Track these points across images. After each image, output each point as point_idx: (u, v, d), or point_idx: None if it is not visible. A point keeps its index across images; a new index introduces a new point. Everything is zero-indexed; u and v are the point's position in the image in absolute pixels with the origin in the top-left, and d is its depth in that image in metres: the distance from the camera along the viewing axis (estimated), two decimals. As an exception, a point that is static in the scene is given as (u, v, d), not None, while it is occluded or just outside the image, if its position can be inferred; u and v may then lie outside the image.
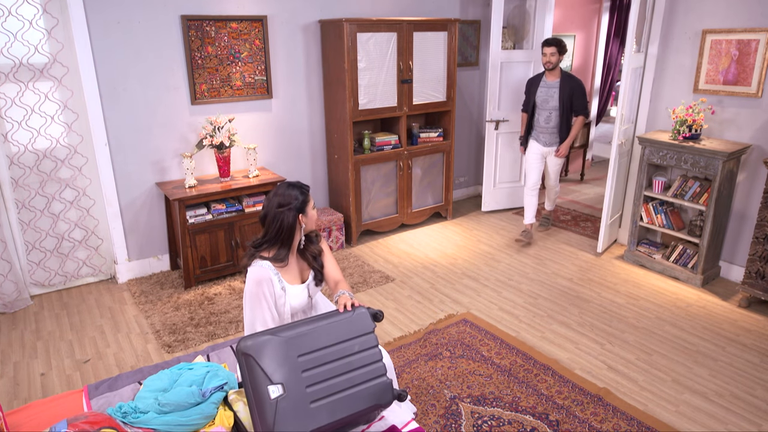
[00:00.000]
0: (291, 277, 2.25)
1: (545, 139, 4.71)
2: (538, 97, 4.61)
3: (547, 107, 4.58)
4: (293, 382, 1.75)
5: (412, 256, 4.67)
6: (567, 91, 4.47)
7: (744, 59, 3.80)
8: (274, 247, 2.20)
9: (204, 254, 4.06)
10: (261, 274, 2.14)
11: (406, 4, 5.07)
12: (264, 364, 1.74)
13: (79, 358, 3.25)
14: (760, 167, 3.82)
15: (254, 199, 4.22)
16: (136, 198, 4.14)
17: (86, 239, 4.10)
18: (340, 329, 1.93)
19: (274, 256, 2.18)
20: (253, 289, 2.12)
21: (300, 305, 2.26)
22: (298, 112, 4.72)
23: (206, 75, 4.17)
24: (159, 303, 3.86)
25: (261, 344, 1.77)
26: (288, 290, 2.20)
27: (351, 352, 1.90)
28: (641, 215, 4.35)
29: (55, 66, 3.70)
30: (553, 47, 4.39)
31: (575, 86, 4.48)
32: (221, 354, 2.38)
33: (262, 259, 2.18)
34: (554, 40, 4.38)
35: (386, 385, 1.90)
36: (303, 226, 2.24)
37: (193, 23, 4.02)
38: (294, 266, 2.29)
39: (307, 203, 2.23)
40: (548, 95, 4.55)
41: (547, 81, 4.57)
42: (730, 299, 3.86)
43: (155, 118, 4.06)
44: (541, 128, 4.70)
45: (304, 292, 2.27)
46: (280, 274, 2.20)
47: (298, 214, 2.19)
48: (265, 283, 2.13)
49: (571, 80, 4.49)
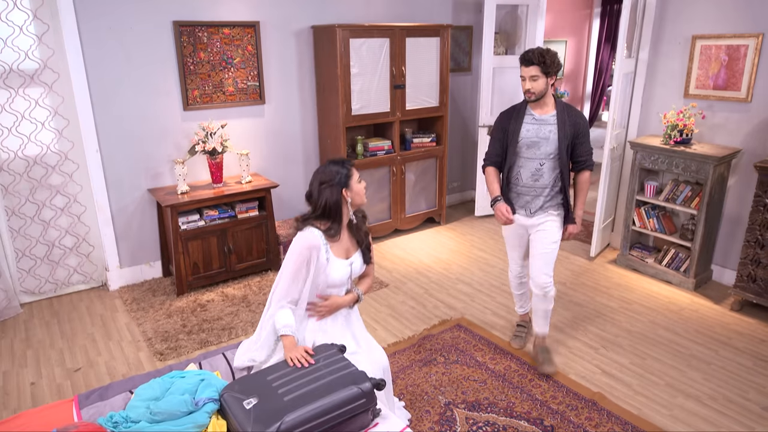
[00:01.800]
0: (338, 251, 2.25)
1: (530, 204, 3.01)
2: (522, 138, 2.93)
3: (537, 155, 2.92)
4: (265, 390, 1.86)
5: (406, 261, 4.66)
6: (569, 130, 2.88)
7: (733, 64, 3.83)
8: (325, 222, 2.22)
9: (196, 261, 4.04)
10: (312, 240, 2.15)
11: (398, 10, 5.09)
12: (235, 391, 1.88)
13: (70, 366, 3.21)
14: (751, 171, 3.85)
15: (247, 205, 4.20)
16: (128, 204, 4.11)
17: (77, 246, 4.06)
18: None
19: (327, 230, 2.20)
20: (302, 252, 2.13)
21: (340, 280, 2.25)
22: (291, 117, 4.71)
23: (198, 81, 4.16)
24: (151, 310, 3.83)
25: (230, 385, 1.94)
26: (332, 262, 2.21)
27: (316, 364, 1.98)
28: (634, 219, 4.37)
29: (46, 72, 3.67)
30: (534, 66, 2.78)
31: (580, 122, 2.92)
32: (213, 362, 2.35)
33: (315, 228, 2.19)
34: (535, 55, 2.77)
35: (360, 372, 1.93)
36: (349, 200, 2.23)
37: (186, 29, 4.01)
38: (343, 242, 2.29)
39: (350, 177, 2.22)
40: (540, 135, 2.90)
41: (536, 114, 2.92)
42: (722, 303, 3.88)
43: (147, 124, 4.04)
44: (523, 188, 3.00)
45: (347, 268, 2.27)
46: (329, 245, 2.21)
47: (341, 189, 2.20)
48: (314, 249, 2.14)
49: (572, 114, 2.93)
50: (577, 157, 2.98)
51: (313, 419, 1.73)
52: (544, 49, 2.81)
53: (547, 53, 2.78)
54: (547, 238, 3.01)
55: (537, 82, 2.80)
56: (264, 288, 4.13)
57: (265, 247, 4.33)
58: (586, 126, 2.96)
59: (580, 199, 3.10)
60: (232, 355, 2.41)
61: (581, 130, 2.92)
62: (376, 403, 1.92)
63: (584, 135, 2.95)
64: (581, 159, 2.98)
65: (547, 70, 2.79)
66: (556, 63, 2.82)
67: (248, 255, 4.27)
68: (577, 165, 3.00)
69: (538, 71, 2.78)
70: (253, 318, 3.70)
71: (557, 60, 2.83)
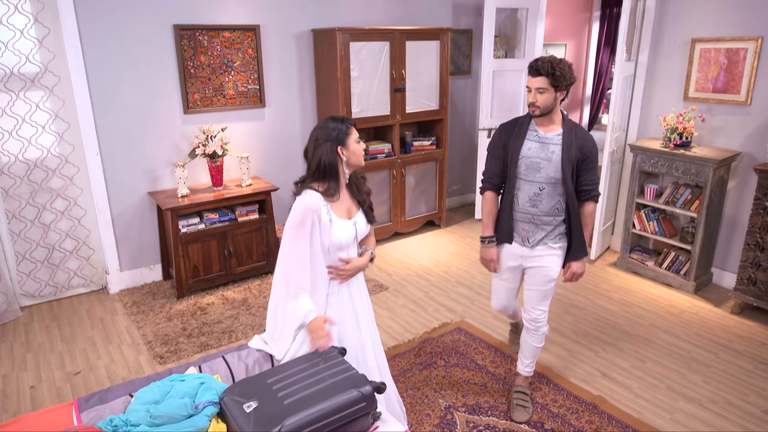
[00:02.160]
0: (340, 211, 2.22)
1: (529, 234, 2.63)
2: (523, 158, 2.55)
3: (537, 178, 2.54)
4: (265, 394, 1.84)
5: (406, 264, 4.66)
6: (575, 153, 2.50)
7: (733, 67, 3.84)
8: (322, 182, 2.17)
9: (197, 264, 4.03)
10: (311, 201, 2.11)
11: (398, 13, 5.10)
12: (235, 394, 1.87)
13: (70, 370, 3.21)
14: (750, 174, 3.85)
15: (247, 208, 4.20)
16: (128, 207, 4.11)
17: (77, 249, 4.06)
18: (301, 359, 2.04)
19: (325, 191, 2.15)
20: (300, 215, 2.09)
21: (347, 241, 2.22)
22: (291, 120, 4.72)
23: (199, 84, 4.17)
24: (151, 313, 3.82)
25: (230, 388, 1.91)
26: (335, 222, 2.17)
27: (316, 367, 1.96)
28: (634, 222, 4.37)
29: (47, 75, 3.68)
30: (541, 78, 2.43)
31: (588, 145, 2.54)
32: (213, 365, 2.35)
33: (313, 190, 2.16)
34: (545, 64, 2.41)
35: (360, 375, 1.92)
36: (344, 160, 2.18)
37: (186, 32, 4.02)
38: (344, 202, 2.24)
39: (347, 135, 2.16)
40: (543, 156, 2.53)
41: (541, 132, 2.55)
42: (722, 306, 3.88)
43: (147, 128, 4.05)
44: (520, 214, 2.63)
45: (351, 228, 2.24)
46: (329, 206, 2.17)
47: (337, 146, 2.14)
48: (313, 211, 2.10)
49: (580, 135, 2.54)
50: (581, 185, 2.55)
51: (314, 423, 1.73)
52: (556, 59, 2.43)
53: (559, 64, 2.41)
54: (546, 275, 2.63)
55: (544, 95, 2.44)
56: (264, 291, 4.13)
57: (266, 250, 4.33)
58: (594, 151, 2.55)
59: (585, 236, 2.63)
60: (233, 359, 2.41)
61: (589, 154, 2.52)
62: (377, 406, 1.91)
63: (592, 160, 2.54)
64: (586, 188, 2.56)
65: (557, 82, 2.41)
66: (569, 76, 2.43)
67: (248, 258, 4.27)
68: (581, 195, 2.57)
69: (546, 83, 2.42)
70: (253, 321, 3.70)
71: (570, 73, 2.43)
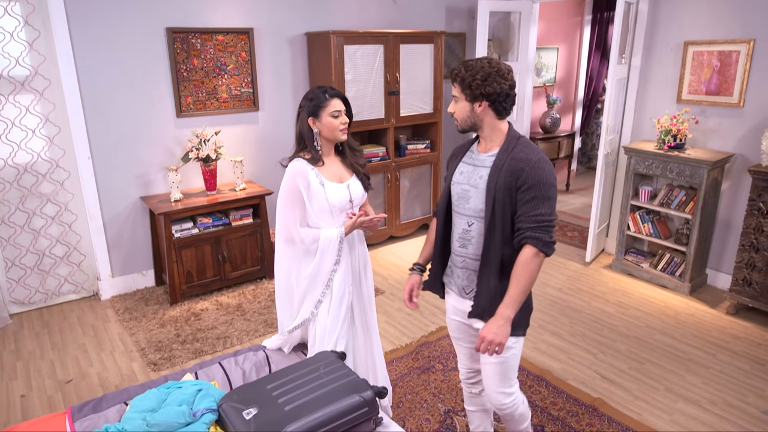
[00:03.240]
0: (330, 176, 2.26)
1: (464, 282, 2.05)
2: (455, 184, 2.02)
3: (466, 209, 1.97)
4: (265, 400, 1.81)
5: (402, 268, 4.63)
6: (503, 179, 1.85)
7: (725, 70, 3.87)
8: (306, 151, 2.26)
9: (190, 269, 3.98)
10: (296, 167, 2.19)
11: (391, 16, 5.10)
12: (234, 401, 1.83)
13: (61, 378, 3.14)
14: (744, 176, 3.87)
15: (241, 213, 4.16)
16: (120, 212, 4.06)
17: (68, 255, 4.00)
18: (301, 364, 2.02)
19: (310, 158, 2.23)
20: (288, 182, 2.18)
21: (340, 203, 2.25)
22: (285, 124, 4.69)
23: (192, 87, 4.13)
24: (144, 320, 3.76)
25: (228, 395, 1.87)
26: (327, 185, 2.21)
27: (317, 372, 1.94)
28: (629, 224, 4.38)
29: (37, 79, 3.62)
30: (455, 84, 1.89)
31: (526, 168, 1.82)
32: (210, 371, 2.31)
33: (299, 158, 2.24)
34: (455, 68, 1.88)
35: (361, 380, 1.89)
36: (316, 131, 2.22)
37: (179, 35, 3.98)
38: (333, 167, 2.29)
39: (320, 107, 2.18)
40: (471, 182, 1.96)
41: (476, 152, 2.00)
42: (717, 306, 3.89)
43: (140, 131, 4.00)
44: (455, 255, 2.07)
45: (344, 190, 2.27)
46: (317, 170, 2.22)
47: (308, 117, 2.20)
48: (299, 175, 2.17)
49: (518, 155, 1.86)
50: (516, 222, 1.86)
51: (315, 429, 1.69)
52: (474, 61, 1.84)
53: (469, 67, 1.82)
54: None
55: (458, 105, 1.90)
56: (259, 296, 4.08)
57: (260, 255, 4.29)
58: (536, 175, 1.80)
59: (510, 291, 1.83)
60: (229, 365, 2.37)
61: (526, 179, 1.81)
62: (378, 411, 1.89)
63: (533, 189, 1.81)
64: (519, 225, 1.84)
65: (469, 91, 1.83)
66: (479, 84, 1.79)
67: (242, 263, 4.22)
68: (515, 234, 1.87)
69: (457, 91, 1.88)
70: (248, 327, 3.65)
71: (484, 79, 1.79)
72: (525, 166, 1.82)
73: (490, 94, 1.82)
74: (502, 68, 1.84)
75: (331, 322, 2.27)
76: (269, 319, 3.75)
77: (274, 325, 3.67)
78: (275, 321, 3.71)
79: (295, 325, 2.31)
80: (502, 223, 1.87)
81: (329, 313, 2.28)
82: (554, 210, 1.86)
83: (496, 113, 1.89)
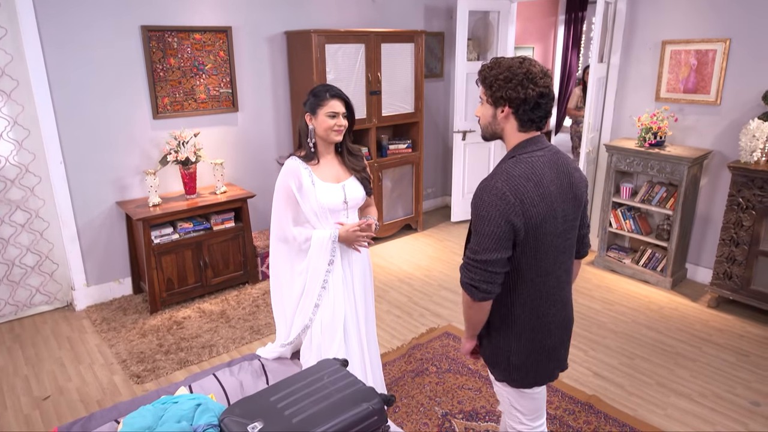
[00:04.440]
0: (324, 175, 2.22)
1: None
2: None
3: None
4: (271, 413, 1.73)
5: (387, 269, 4.58)
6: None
7: (702, 68, 3.95)
8: (302, 149, 2.25)
9: (171, 276, 3.84)
10: (289, 165, 2.18)
11: (371, 16, 5.04)
12: (236, 415, 1.73)
13: (38, 395, 2.98)
14: (721, 172, 3.97)
15: (223, 217, 4.04)
16: (95, 219, 3.88)
17: (39, 264, 3.81)
18: (303, 374, 1.93)
19: (305, 155, 2.21)
20: (280, 180, 2.17)
21: (333, 205, 2.22)
22: (265, 125, 4.58)
23: (169, 88, 3.98)
24: (123, 330, 3.61)
25: (230, 408, 1.77)
26: (318, 185, 2.17)
27: (321, 381, 1.87)
28: (611, 221, 4.44)
29: (4, 79, 3.43)
30: (481, 86, 1.69)
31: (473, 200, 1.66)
32: (204, 384, 2.21)
33: (293, 156, 2.22)
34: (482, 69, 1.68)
35: (368, 389, 1.84)
36: (311, 128, 2.20)
37: (154, 34, 3.84)
38: (330, 166, 2.26)
39: (319, 105, 2.17)
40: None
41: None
42: (698, 300, 3.97)
43: (115, 134, 3.83)
44: None
45: (339, 191, 2.23)
46: (311, 169, 2.19)
47: (306, 113, 2.20)
48: (291, 174, 2.15)
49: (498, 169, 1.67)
50: None
51: (327, 440, 1.63)
52: (499, 60, 1.64)
53: (495, 64, 1.63)
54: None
55: (482, 108, 1.71)
56: (243, 302, 3.97)
57: (242, 260, 4.18)
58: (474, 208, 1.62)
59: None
60: (224, 375, 2.28)
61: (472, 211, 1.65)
62: (387, 420, 1.83)
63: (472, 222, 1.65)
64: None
65: (490, 92, 1.64)
66: (513, 86, 1.57)
67: (225, 268, 4.10)
68: None
69: (482, 92, 1.69)
70: (233, 334, 3.54)
71: (516, 80, 1.57)
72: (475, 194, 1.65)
73: (512, 99, 1.59)
74: (534, 71, 1.57)
75: (329, 328, 2.21)
76: (255, 325, 3.65)
77: (260, 331, 3.57)
78: (261, 327, 3.62)
79: (297, 334, 2.24)
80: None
81: (327, 318, 2.22)
82: (485, 247, 1.57)
83: (519, 124, 1.63)
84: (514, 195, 1.56)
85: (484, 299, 1.65)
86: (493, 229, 1.56)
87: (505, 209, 1.55)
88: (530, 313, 1.74)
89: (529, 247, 1.64)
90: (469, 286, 1.64)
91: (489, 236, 1.57)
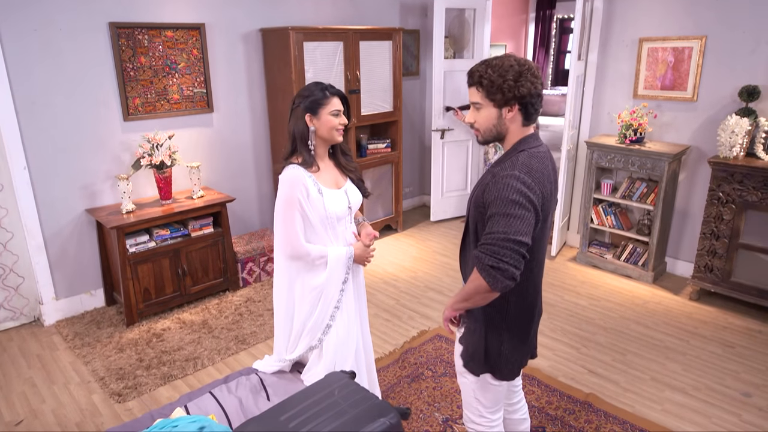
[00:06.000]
0: (326, 182, 2.11)
1: None
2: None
3: None
4: None
5: (371, 272, 4.50)
6: (475, 196, 1.75)
7: (679, 65, 4.02)
8: (298, 154, 2.08)
9: (147, 286, 3.65)
10: (294, 174, 2.02)
11: (347, 13, 4.94)
12: None
13: (9, 420, 2.76)
14: (699, 167, 4.05)
15: (201, 222, 3.87)
16: (63, 228, 3.65)
17: (3, 278, 3.55)
18: (312, 389, 1.81)
19: (302, 162, 2.06)
20: (287, 191, 2.01)
21: (342, 211, 2.11)
22: (241, 126, 4.41)
23: (140, 88, 3.78)
24: (98, 345, 3.41)
25: (238, 430, 1.66)
26: (325, 193, 2.06)
27: (332, 397, 1.78)
28: (592, 217, 4.48)
29: (-41, 80, 3.18)
30: (473, 88, 1.71)
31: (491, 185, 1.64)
32: (201, 403, 2.08)
33: (292, 164, 2.06)
34: (476, 69, 1.69)
35: (383, 402, 1.76)
36: (312, 129, 2.05)
37: (124, 31, 3.63)
38: (328, 172, 2.14)
39: (320, 104, 2.04)
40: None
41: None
42: (680, 293, 4.05)
43: (83, 137, 3.61)
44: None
45: (343, 197, 2.13)
46: (314, 177, 2.06)
47: (306, 113, 2.04)
48: (298, 184, 2.00)
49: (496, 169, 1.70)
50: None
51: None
52: (496, 60, 1.66)
53: (491, 67, 1.64)
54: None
55: (480, 112, 1.71)
56: (224, 311, 3.81)
57: (223, 266, 4.01)
58: (497, 192, 1.60)
59: (460, 290, 1.77)
60: (221, 393, 2.15)
61: (488, 197, 1.64)
62: (404, 434, 1.75)
63: (491, 206, 1.62)
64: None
65: (500, 95, 1.64)
66: (523, 83, 1.61)
67: (204, 276, 3.93)
68: None
69: (479, 96, 1.68)
70: (218, 345, 3.39)
71: (523, 77, 1.61)
72: (491, 180, 1.64)
73: (523, 96, 1.62)
74: (532, 66, 1.64)
75: (343, 348, 2.14)
76: (240, 334, 3.50)
77: (246, 341, 3.43)
78: (247, 336, 3.48)
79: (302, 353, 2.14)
80: (475, 242, 1.75)
81: (342, 337, 2.15)
82: (516, 230, 1.55)
83: (524, 118, 1.68)
84: (538, 186, 1.63)
85: (505, 288, 1.58)
86: (525, 213, 1.58)
87: (533, 198, 1.60)
88: (524, 303, 1.81)
89: (536, 239, 1.70)
90: (492, 270, 1.56)
91: (521, 219, 1.57)
